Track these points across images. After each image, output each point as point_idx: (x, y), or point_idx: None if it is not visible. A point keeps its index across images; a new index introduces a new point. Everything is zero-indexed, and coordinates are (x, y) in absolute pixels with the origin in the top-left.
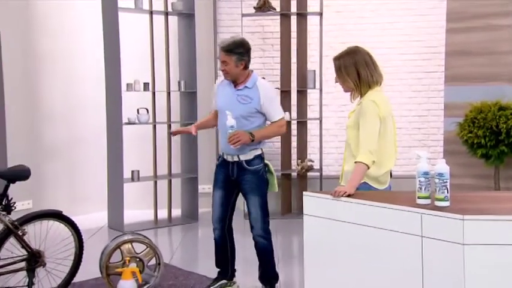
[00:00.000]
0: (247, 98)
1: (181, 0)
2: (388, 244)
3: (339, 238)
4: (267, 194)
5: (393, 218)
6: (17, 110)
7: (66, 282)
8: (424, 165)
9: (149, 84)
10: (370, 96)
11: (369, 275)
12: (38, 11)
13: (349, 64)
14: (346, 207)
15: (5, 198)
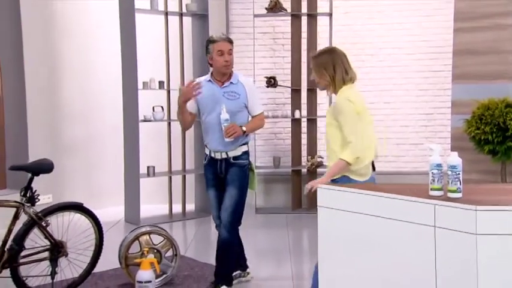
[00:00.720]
0: (235, 93)
1: (196, 2)
2: (402, 235)
3: (353, 229)
4: (246, 194)
5: (407, 209)
6: (38, 108)
7: (87, 272)
8: (436, 158)
9: (164, 82)
10: (343, 94)
11: (382, 265)
12: (58, 12)
13: (326, 61)
14: (360, 198)
15: (29, 191)
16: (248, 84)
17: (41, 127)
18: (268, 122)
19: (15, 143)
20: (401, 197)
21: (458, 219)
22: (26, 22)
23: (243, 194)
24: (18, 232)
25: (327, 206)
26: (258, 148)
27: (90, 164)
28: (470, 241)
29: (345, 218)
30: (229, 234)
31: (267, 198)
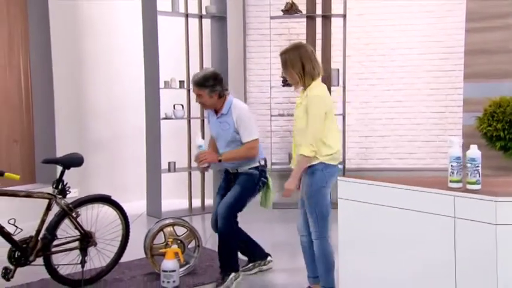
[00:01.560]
0: (226, 124)
1: (215, 4)
2: (421, 226)
3: (373, 221)
4: (248, 197)
5: (426, 200)
6: (65, 107)
7: (115, 261)
8: (456, 151)
9: (184, 82)
10: (314, 91)
11: (402, 256)
12: (84, 15)
13: (295, 57)
14: (380, 190)
15: (61, 183)
16: (237, 112)
17: (67, 125)
18: (283, 120)
19: (44, 141)
20: (421, 189)
21: (478, 210)
22: (54, 24)
23: (244, 193)
24: (51, 222)
25: (347, 198)
26: (273, 145)
27: (114, 160)
28: (490, 231)
29: (365, 210)
30: (224, 227)
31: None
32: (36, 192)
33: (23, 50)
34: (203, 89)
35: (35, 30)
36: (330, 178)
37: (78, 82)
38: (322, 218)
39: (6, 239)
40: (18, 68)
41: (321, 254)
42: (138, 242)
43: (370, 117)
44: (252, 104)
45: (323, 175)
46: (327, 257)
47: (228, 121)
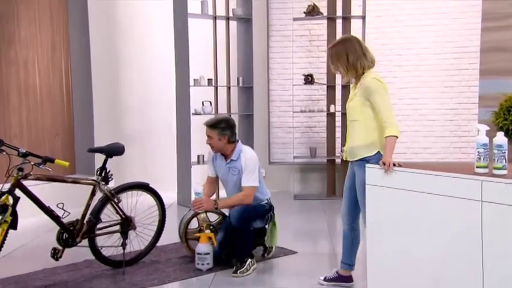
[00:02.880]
0: (235, 169)
1: (241, 6)
2: (449, 210)
3: (401, 206)
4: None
5: (454, 185)
6: (102, 103)
7: (152, 244)
8: (483, 138)
9: (212, 80)
10: (370, 75)
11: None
12: (119, 18)
13: (340, 50)
14: (408, 176)
15: (104, 171)
16: (245, 159)
17: (104, 120)
18: (304, 117)
19: (83, 134)
20: (449, 174)
21: (504, 193)
22: (93, 28)
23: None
24: (95, 207)
25: (376, 184)
26: (295, 140)
27: (146, 153)
28: None
29: (392, 195)
30: (241, 229)
31: (304, 185)
32: (82, 178)
33: (65, 52)
34: (214, 130)
35: (75, 33)
36: None
37: (114, 80)
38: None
39: (56, 221)
40: (60, 67)
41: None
42: (170, 229)
43: None
44: (274, 101)
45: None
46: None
47: (237, 166)
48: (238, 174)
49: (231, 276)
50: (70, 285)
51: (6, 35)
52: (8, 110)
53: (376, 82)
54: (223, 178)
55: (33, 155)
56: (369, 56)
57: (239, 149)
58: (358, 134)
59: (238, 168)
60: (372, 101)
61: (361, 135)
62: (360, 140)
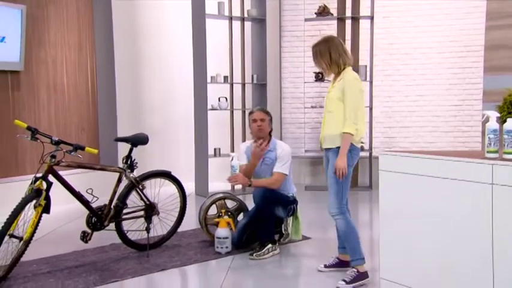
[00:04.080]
0: (270, 159)
1: (255, 7)
2: (460, 193)
3: (413, 190)
4: (283, 206)
5: (465, 169)
6: (125, 100)
7: (174, 229)
8: (493, 124)
9: (228, 77)
10: (350, 74)
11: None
12: (141, 20)
13: (324, 49)
14: (420, 162)
15: (130, 159)
16: (281, 148)
17: (126, 116)
18: (314, 113)
19: (107, 129)
20: (461, 159)
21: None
22: (116, 29)
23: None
24: (121, 193)
25: (389, 170)
26: (306, 135)
27: (165, 146)
28: None
29: (405, 180)
30: (264, 209)
31: (314, 177)
32: (109, 166)
33: (90, 51)
34: (267, 116)
35: (100, 34)
36: (355, 158)
37: (135, 78)
38: (344, 194)
39: (85, 206)
40: (86, 66)
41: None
42: (188, 216)
43: (394, 110)
44: (286, 98)
45: (350, 156)
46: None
47: (271, 157)
48: (271, 163)
49: (248, 258)
50: (99, 266)
51: (37, 36)
52: (38, 106)
53: (354, 82)
54: (256, 168)
55: (65, 143)
56: (348, 54)
57: (274, 141)
58: (332, 125)
59: (272, 158)
60: (344, 96)
61: (334, 126)
62: (334, 130)
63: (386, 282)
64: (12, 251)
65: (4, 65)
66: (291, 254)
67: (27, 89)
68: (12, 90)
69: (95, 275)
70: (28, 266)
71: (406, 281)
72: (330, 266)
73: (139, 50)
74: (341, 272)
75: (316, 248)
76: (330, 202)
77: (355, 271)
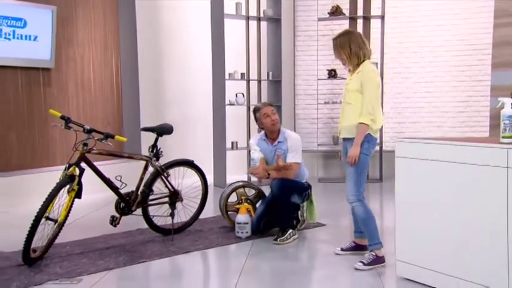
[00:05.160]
0: (281, 150)
1: (271, 8)
2: (475, 177)
3: (429, 176)
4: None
5: (481, 154)
6: (147, 96)
7: (196, 216)
8: (508, 110)
9: (245, 74)
10: (369, 66)
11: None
12: (163, 19)
13: (344, 41)
14: (435, 148)
15: (155, 148)
16: (291, 139)
17: (149, 111)
18: (326, 109)
19: (130, 123)
20: (476, 144)
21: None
22: (140, 28)
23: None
24: (148, 180)
25: (404, 156)
26: (319, 130)
27: (185, 140)
28: None
29: (421, 166)
30: (282, 200)
31: (327, 170)
32: (136, 154)
33: (115, 50)
34: (275, 108)
35: (124, 34)
36: (372, 148)
37: (157, 75)
38: (362, 182)
39: (114, 191)
40: (111, 64)
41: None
42: (208, 205)
43: (403, 106)
44: (299, 95)
45: (367, 146)
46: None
47: (282, 148)
48: (283, 154)
49: (272, 243)
50: (127, 248)
51: (67, 36)
52: (67, 101)
53: (372, 74)
54: (268, 159)
55: (96, 131)
56: (368, 46)
57: (284, 132)
58: (350, 115)
59: (283, 149)
60: (363, 89)
61: (352, 117)
62: (352, 120)
63: (402, 264)
64: (47, 233)
65: (36, 62)
66: (307, 239)
67: (57, 85)
68: (44, 86)
69: (124, 256)
70: (61, 248)
71: (421, 263)
72: (347, 250)
73: (161, 48)
74: (357, 255)
75: (331, 233)
76: (348, 190)
77: (373, 254)
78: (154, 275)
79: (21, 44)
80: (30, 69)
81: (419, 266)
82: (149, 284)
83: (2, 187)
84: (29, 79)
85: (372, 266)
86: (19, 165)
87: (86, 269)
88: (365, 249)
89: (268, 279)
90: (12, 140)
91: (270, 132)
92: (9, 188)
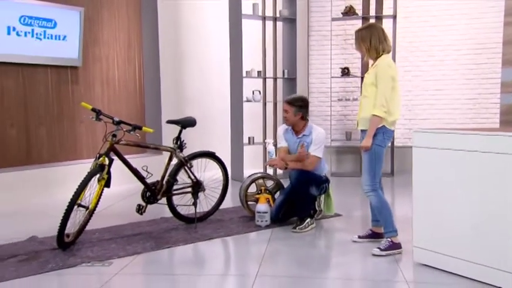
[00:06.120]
0: (305, 143)
1: (286, 8)
2: (493, 165)
3: (445, 163)
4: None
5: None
6: (168, 93)
7: (217, 205)
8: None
9: (261, 72)
10: (385, 60)
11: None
12: (183, 20)
13: (366, 34)
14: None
15: (179, 140)
16: (316, 134)
17: (169, 107)
18: (339, 106)
19: (152, 119)
20: (492, 133)
21: None
22: (161, 28)
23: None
24: (172, 170)
25: (422, 146)
26: (332, 127)
27: (203, 135)
28: None
29: (438, 155)
30: (305, 195)
31: (340, 165)
32: (162, 146)
33: (138, 49)
34: (291, 107)
35: (147, 34)
36: (388, 140)
37: (177, 73)
38: (377, 173)
39: (141, 181)
40: (134, 63)
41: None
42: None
43: (413, 103)
44: (313, 93)
45: (383, 137)
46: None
47: (307, 140)
48: (306, 146)
49: (291, 232)
50: (153, 235)
51: (93, 36)
52: (93, 98)
53: (386, 68)
54: (293, 150)
55: (125, 123)
56: (388, 42)
57: (310, 126)
58: (366, 108)
59: (307, 142)
60: (377, 82)
61: (368, 109)
62: (367, 113)
63: (419, 250)
64: (79, 220)
65: (65, 61)
66: (324, 228)
67: (84, 82)
68: (72, 83)
69: (151, 242)
70: (91, 234)
71: (439, 249)
72: (364, 237)
73: (181, 47)
74: (374, 243)
75: (347, 223)
76: (364, 180)
77: (389, 241)
78: (180, 259)
79: (52, 43)
80: (59, 68)
81: (437, 252)
82: (176, 268)
83: (35, 178)
84: (58, 77)
85: (388, 251)
86: (49, 158)
87: (116, 253)
88: (381, 237)
89: (289, 264)
90: (43, 135)
91: (292, 125)
92: (41, 179)
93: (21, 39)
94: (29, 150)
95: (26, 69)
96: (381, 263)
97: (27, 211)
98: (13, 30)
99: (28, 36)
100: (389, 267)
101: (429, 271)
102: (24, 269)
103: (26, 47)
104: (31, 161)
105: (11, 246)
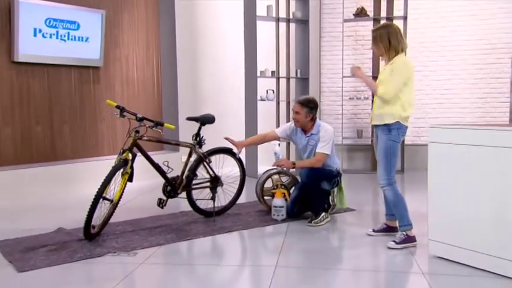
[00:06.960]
0: (313, 140)
1: (299, 10)
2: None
3: (462, 160)
4: (329, 179)
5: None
6: (185, 92)
7: (234, 200)
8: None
9: (275, 71)
10: (401, 58)
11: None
12: (199, 22)
13: (383, 34)
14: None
15: (199, 137)
16: (323, 131)
17: (186, 105)
18: (350, 105)
19: (169, 117)
20: (507, 128)
21: None
22: (178, 30)
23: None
24: (192, 165)
25: (438, 141)
26: (344, 125)
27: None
28: None
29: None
30: (316, 190)
31: (351, 162)
32: (182, 142)
33: (156, 50)
34: (303, 108)
35: (165, 35)
36: (402, 136)
37: (193, 74)
38: (393, 167)
39: (162, 175)
40: (153, 63)
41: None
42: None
43: (423, 102)
44: (324, 92)
45: (397, 133)
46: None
47: (315, 139)
48: (314, 144)
49: (306, 225)
50: (174, 227)
51: (114, 38)
52: (114, 97)
53: (401, 65)
54: (302, 148)
55: (147, 120)
56: (404, 41)
57: (318, 124)
58: (380, 104)
59: (316, 140)
60: (391, 76)
61: (383, 105)
62: (383, 109)
63: (434, 243)
64: (103, 212)
65: (88, 61)
66: (339, 222)
67: (105, 82)
68: (93, 83)
69: (172, 234)
70: (115, 226)
71: (454, 241)
72: (379, 231)
73: (197, 47)
74: (389, 236)
75: (361, 218)
76: (379, 175)
77: (404, 234)
78: (200, 251)
79: (75, 44)
80: (82, 68)
81: (452, 244)
82: (197, 258)
83: (59, 174)
84: (81, 77)
85: (403, 244)
86: (72, 154)
87: (140, 244)
88: (396, 231)
89: (306, 256)
90: (66, 133)
91: (302, 127)
92: (65, 175)
93: (47, 41)
94: (53, 147)
95: (51, 69)
96: (396, 255)
97: (53, 204)
98: (39, 32)
99: (53, 37)
100: (405, 260)
101: (445, 263)
102: (54, 258)
103: (51, 48)
104: (55, 157)
105: (41, 237)
